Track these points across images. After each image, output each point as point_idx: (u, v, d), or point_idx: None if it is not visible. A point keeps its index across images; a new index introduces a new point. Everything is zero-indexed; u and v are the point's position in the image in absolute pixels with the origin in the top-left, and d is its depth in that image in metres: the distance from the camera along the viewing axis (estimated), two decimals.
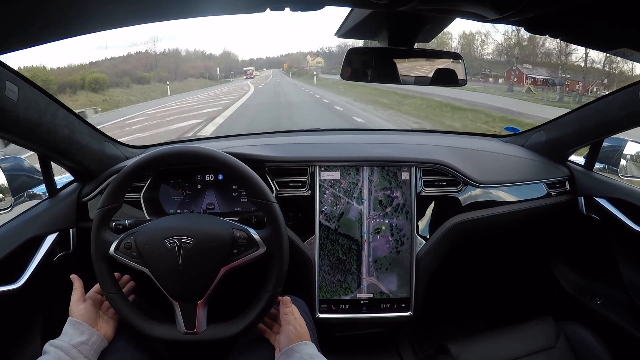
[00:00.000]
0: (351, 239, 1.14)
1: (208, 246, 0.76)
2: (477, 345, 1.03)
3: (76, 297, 0.81)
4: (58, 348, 0.72)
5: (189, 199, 1.12)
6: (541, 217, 1.29)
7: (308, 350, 0.73)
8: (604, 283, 1.25)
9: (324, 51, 56.81)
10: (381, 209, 1.14)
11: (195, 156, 0.82)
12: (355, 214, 1.14)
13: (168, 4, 0.57)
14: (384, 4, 0.55)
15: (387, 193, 1.14)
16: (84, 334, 0.75)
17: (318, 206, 1.12)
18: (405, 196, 1.14)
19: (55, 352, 0.71)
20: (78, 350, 0.73)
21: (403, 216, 1.14)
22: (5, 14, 0.46)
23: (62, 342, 0.73)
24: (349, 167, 1.14)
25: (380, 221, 1.14)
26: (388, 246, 1.14)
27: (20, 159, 1.11)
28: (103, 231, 0.80)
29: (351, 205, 1.13)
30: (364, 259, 1.14)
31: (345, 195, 1.13)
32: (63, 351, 0.71)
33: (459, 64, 0.92)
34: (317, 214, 1.12)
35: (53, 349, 0.72)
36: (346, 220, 1.14)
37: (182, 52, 49.92)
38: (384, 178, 1.14)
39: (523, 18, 0.59)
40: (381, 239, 1.14)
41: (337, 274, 1.14)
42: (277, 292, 0.79)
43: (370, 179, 1.14)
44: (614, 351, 0.98)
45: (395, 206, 1.14)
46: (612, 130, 1.13)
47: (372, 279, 1.15)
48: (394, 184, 1.14)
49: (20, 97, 0.74)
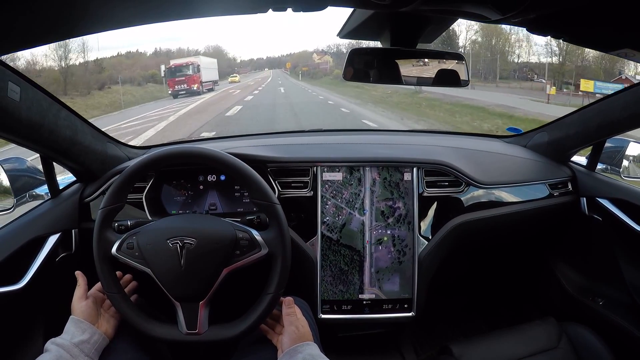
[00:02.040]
0: (353, 249, 1.14)
1: (210, 247, 0.76)
2: (479, 346, 1.02)
3: (79, 294, 0.81)
4: (59, 346, 0.72)
5: (191, 199, 1.12)
6: (543, 217, 1.29)
7: (310, 351, 0.73)
8: (606, 284, 1.24)
9: (331, 50, 50.23)
10: (383, 219, 1.14)
11: (197, 157, 0.82)
12: (357, 225, 1.14)
13: (169, 5, 0.57)
14: (386, 5, 0.55)
15: (389, 204, 1.14)
16: (86, 332, 0.76)
17: (320, 207, 1.12)
18: (407, 206, 1.14)
19: (56, 350, 0.71)
20: (79, 349, 0.73)
21: (405, 227, 1.14)
22: (6, 15, 0.46)
23: (63, 340, 0.73)
24: (351, 169, 1.13)
25: (382, 232, 1.14)
26: (390, 257, 1.14)
27: (22, 159, 1.12)
28: (105, 231, 0.80)
29: (353, 216, 1.13)
30: (365, 270, 1.14)
31: (347, 206, 1.13)
32: (64, 349, 0.71)
33: (461, 65, 0.92)
34: (319, 215, 1.12)
35: (54, 347, 0.72)
36: (348, 231, 1.13)
37: (149, 53, 42.25)
38: (386, 189, 1.14)
39: (525, 19, 0.59)
40: (383, 249, 1.14)
41: (339, 284, 1.14)
42: (279, 293, 0.79)
43: (372, 189, 1.13)
44: (616, 352, 0.98)
45: (397, 217, 1.14)
46: (615, 131, 1.12)
47: (375, 289, 1.15)
48: (396, 195, 1.14)
49: (23, 98, 0.75)
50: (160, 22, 0.63)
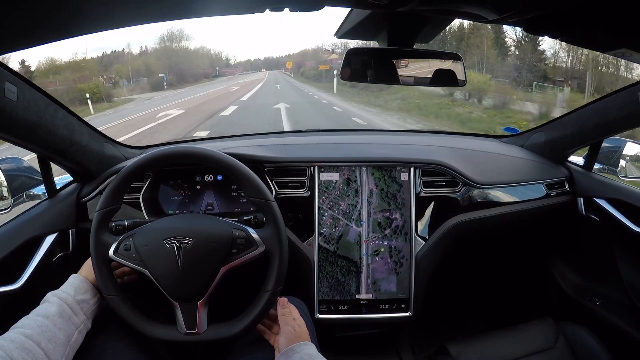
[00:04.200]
0: (350, 260, 1.14)
1: (207, 246, 0.76)
2: (476, 346, 1.03)
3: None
4: (62, 300, 0.72)
5: (189, 199, 1.12)
6: (541, 217, 1.29)
7: (308, 351, 0.73)
8: (603, 284, 1.25)
9: (338, 49, 41.27)
10: (380, 230, 1.14)
11: (193, 156, 0.82)
12: (354, 236, 1.14)
13: (167, 5, 0.57)
14: (383, 5, 0.55)
15: (386, 215, 1.14)
16: (88, 292, 0.77)
17: (317, 207, 1.12)
18: (404, 217, 1.14)
19: (59, 304, 0.71)
20: (80, 307, 0.74)
21: (402, 238, 1.14)
22: (5, 15, 0.46)
23: (67, 295, 0.73)
24: (348, 169, 1.13)
25: (379, 243, 1.14)
26: (387, 267, 1.15)
27: (19, 159, 1.11)
28: (102, 233, 0.80)
29: (350, 227, 1.14)
30: (362, 281, 1.14)
31: (344, 217, 1.13)
32: (67, 304, 0.72)
33: (458, 65, 0.92)
34: (316, 215, 1.12)
35: (57, 300, 0.72)
36: (345, 242, 1.14)
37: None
38: (383, 200, 1.14)
39: (522, 19, 0.59)
40: (380, 260, 1.14)
41: (335, 295, 1.15)
42: (277, 290, 0.79)
43: (369, 200, 1.14)
44: (613, 352, 0.98)
45: (394, 228, 1.14)
46: (612, 130, 1.13)
47: (371, 295, 1.15)
48: (393, 206, 1.14)
49: (20, 98, 0.74)
50: (158, 22, 0.63)
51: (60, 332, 0.68)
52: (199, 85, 27.38)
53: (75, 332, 0.71)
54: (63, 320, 0.70)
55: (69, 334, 0.70)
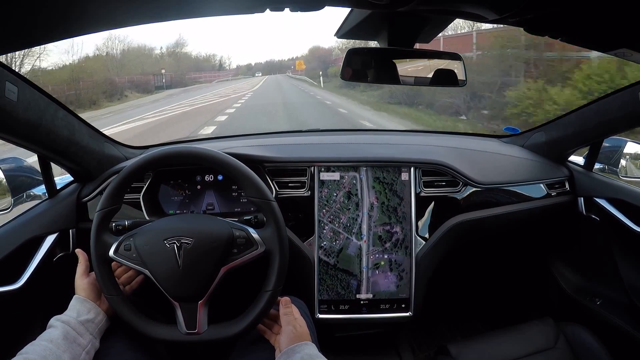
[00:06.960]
0: (350, 274, 1.14)
1: (207, 246, 0.76)
2: (476, 346, 1.03)
3: (81, 271, 0.82)
4: (65, 323, 0.72)
5: (189, 199, 1.12)
6: (541, 217, 1.29)
7: (308, 351, 0.73)
8: (603, 284, 1.25)
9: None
10: (380, 244, 1.14)
11: (194, 156, 0.82)
12: (355, 250, 1.14)
13: (167, 5, 0.57)
14: (383, 5, 0.55)
15: (387, 228, 1.14)
16: (91, 312, 0.77)
17: (317, 207, 1.12)
18: (405, 231, 1.14)
19: (63, 327, 0.71)
20: (85, 327, 0.74)
21: (402, 251, 1.14)
22: (5, 14, 0.46)
23: (69, 317, 0.74)
24: (348, 169, 1.13)
25: (380, 256, 1.14)
26: (387, 281, 1.14)
27: (19, 159, 1.11)
28: (102, 234, 0.80)
29: (350, 240, 1.13)
30: (362, 294, 1.14)
31: (344, 230, 1.13)
32: (70, 326, 0.72)
33: (459, 64, 0.92)
34: (316, 215, 1.12)
35: (60, 324, 0.72)
36: (345, 256, 1.13)
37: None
38: (384, 213, 1.14)
39: (523, 19, 0.59)
40: (380, 274, 1.14)
41: (335, 295, 1.15)
42: (277, 290, 0.79)
43: (370, 214, 1.13)
44: (613, 352, 0.98)
45: (395, 241, 1.14)
46: (612, 130, 1.13)
47: (370, 295, 1.15)
48: (394, 219, 1.14)
49: (20, 98, 0.74)
50: (158, 22, 0.63)
51: (65, 354, 0.69)
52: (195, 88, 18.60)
53: (83, 352, 0.72)
54: (67, 342, 0.70)
55: (75, 355, 0.70)
